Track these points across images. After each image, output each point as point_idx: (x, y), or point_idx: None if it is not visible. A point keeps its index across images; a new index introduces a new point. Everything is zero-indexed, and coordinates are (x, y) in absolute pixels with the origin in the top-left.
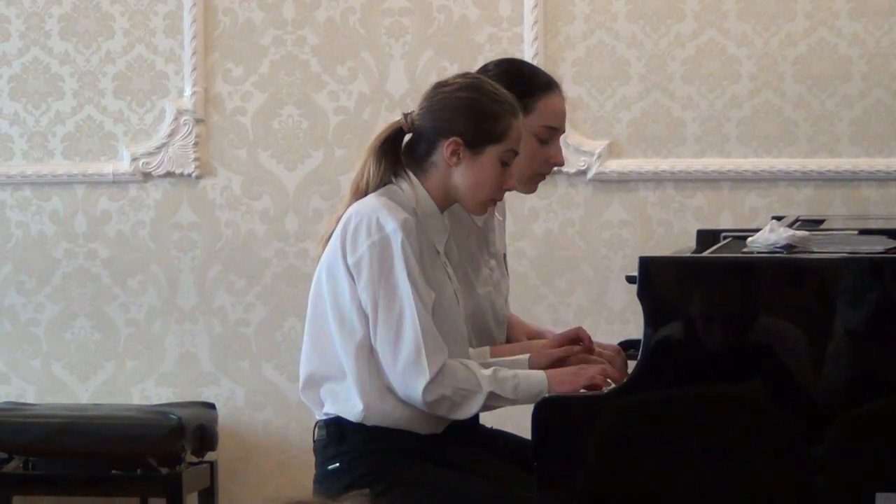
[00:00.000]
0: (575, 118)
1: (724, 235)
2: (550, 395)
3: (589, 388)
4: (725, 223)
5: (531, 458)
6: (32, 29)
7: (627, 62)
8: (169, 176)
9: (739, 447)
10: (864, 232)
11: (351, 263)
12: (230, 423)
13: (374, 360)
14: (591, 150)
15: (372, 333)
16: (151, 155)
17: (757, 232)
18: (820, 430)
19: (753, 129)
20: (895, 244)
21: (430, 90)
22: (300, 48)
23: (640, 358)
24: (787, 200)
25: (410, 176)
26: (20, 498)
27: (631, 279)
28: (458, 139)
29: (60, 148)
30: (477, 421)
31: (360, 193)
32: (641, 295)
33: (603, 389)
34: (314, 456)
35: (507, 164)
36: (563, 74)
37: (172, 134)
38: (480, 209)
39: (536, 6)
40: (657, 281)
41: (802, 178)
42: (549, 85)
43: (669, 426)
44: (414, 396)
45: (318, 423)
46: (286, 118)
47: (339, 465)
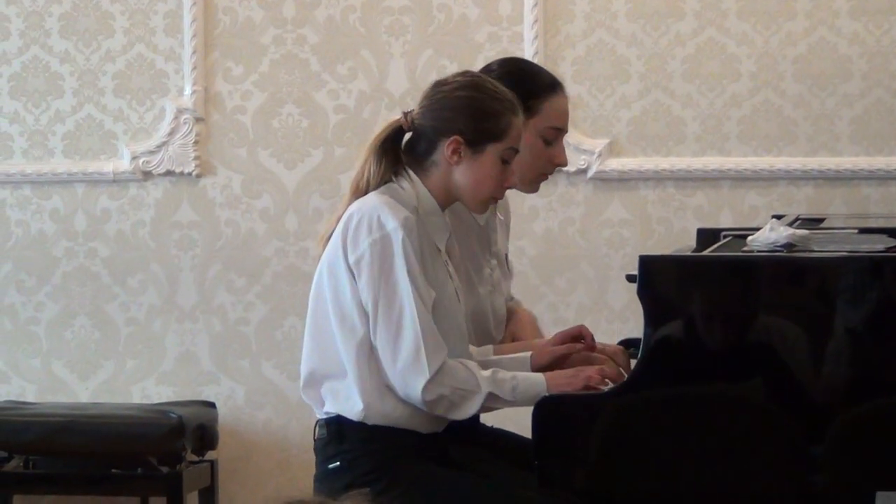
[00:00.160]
0: (575, 117)
1: (724, 234)
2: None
3: (587, 388)
4: (725, 222)
5: (532, 457)
6: (32, 28)
7: (627, 61)
8: (169, 175)
9: (739, 446)
10: (864, 231)
11: (352, 262)
12: (230, 422)
13: (374, 358)
14: (591, 148)
15: (372, 332)
16: (151, 154)
17: (757, 231)
18: (820, 428)
19: (753, 127)
20: (895, 243)
21: (429, 89)
22: (300, 47)
23: (640, 357)
24: (787, 199)
25: (411, 174)
26: (20, 497)
27: (631, 278)
28: (458, 138)
29: (60, 147)
30: (477, 420)
31: (360, 192)
32: (641, 294)
33: (602, 389)
34: (314, 455)
35: (507, 161)
36: (563, 73)
37: (172, 133)
38: (482, 207)
39: (536, 5)
40: (657, 280)
41: (802, 176)
42: (553, 86)
43: (669, 425)
44: (413, 395)
45: (318, 421)
46: (286, 117)
47: (339, 463)
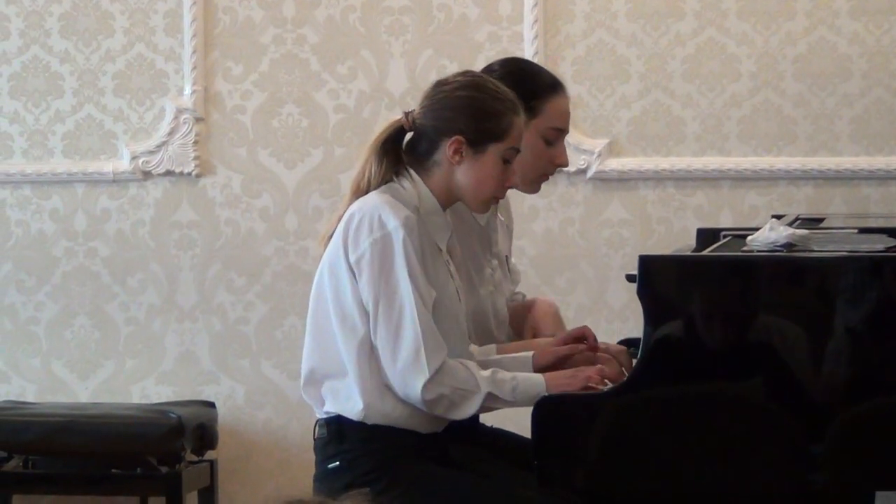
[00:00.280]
0: (575, 117)
1: (724, 234)
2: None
3: (587, 389)
4: (725, 222)
5: (531, 456)
6: (32, 27)
7: (627, 61)
8: (169, 174)
9: (739, 445)
10: (863, 230)
11: (352, 261)
12: (230, 421)
13: (375, 358)
14: (591, 148)
15: (372, 331)
16: (151, 153)
17: (757, 231)
18: (819, 428)
19: (753, 127)
20: (895, 243)
21: (430, 89)
22: (300, 47)
23: (639, 356)
24: (787, 199)
25: (412, 174)
26: (20, 497)
27: (631, 278)
28: (460, 138)
29: (60, 146)
30: (477, 420)
31: (360, 192)
32: (641, 293)
33: (602, 389)
34: (314, 454)
35: (508, 161)
36: (563, 73)
37: (172, 132)
38: (483, 207)
39: (536, 5)
40: (657, 279)
41: (802, 176)
42: (555, 86)
43: (669, 424)
44: (412, 395)
45: (318, 421)
46: (286, 117)
47: (339, 463)
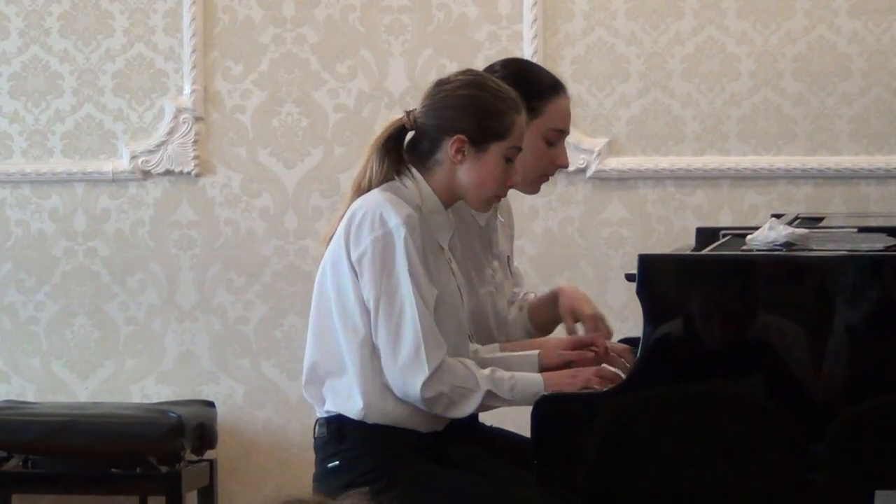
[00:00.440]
0: (574, 116)
1: (723, 233)
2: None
3: (585, 390)
4: (725, 221)
5: (531, 455)
6: (32, 27)
7: (627, 60)
8: (168, 174)
9: (739, 444)
10: (863, 230)
11: (354, 259)
12: (230, 421)
13: (376, 357)
14: (590, 147)
15: (373, 329)
16: (151, 153)
17: (756, 230)
18: (819, 427)
19: (753, 126)
20: (894, 242)
21: (432, 88)
22: (300, 46)
23: (639, 356)
24: (786, 198)
25: (414, 173)
26: (20, 496)
27: (630, 277)
28: (462, 137)
29: (60, 146)
30: (476, 419)
31: (362, 191)
32: (641, 293)
33: (601, 390)
34: (314, 453)
35: (510, 160)
36: (562, 72)
37: (172, 132)
38: (485, 206)
39: (535, 4)
40: (657, 279)
41: (802, 175)
42: (556, 87)
43: (669, 424)
44: (412, 393)
45: (318, 420)
46: (286, 116)
47: (339, 462)
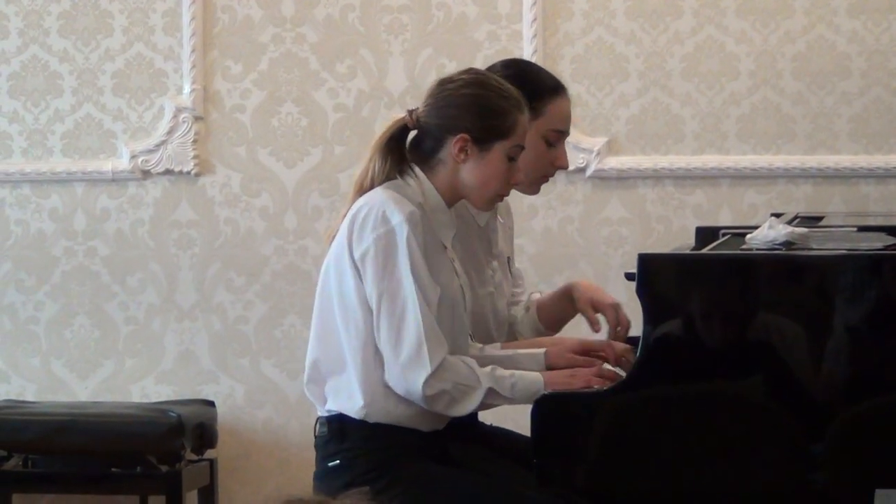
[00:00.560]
0: (574, 115)
1: (723, 232)
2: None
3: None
4: (724, 220)
5: (531, 455)
6: (31, 26)
7: (626, 59)
8: (168, 174)
9: (738, 444)
10: (862, 229)
11: (357, 257)
12: (230, 420)
13: (378, 355)
14: (589, 147)
15: (375, 326)
16: (150, 153)
17: (756, 229)
18: (819, 426)
19: (752, 125)
20: (894, 241)
21: (434, 87)
22: (299, 45)
23: (639, 355)
24: (786, 197)
25: (417, 172)
26: (20, 496)
27: (630, 276)
28: (465, 136)
29: (59, 146)
30: (476, 419)
31: (364, 191)
32: (640, 292)
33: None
34: (315, 452)
35: (514, 159)
36: (561, 71)
37: (171, 131)
38: (488, 205)
39: (535, 3)
40: (656, 278)
41: (801, 174)
42: (556, 88)
43: (669, 423)
44: (414, 390)
45: (319, 418)
46: (285, 115)
47: (339, 462)
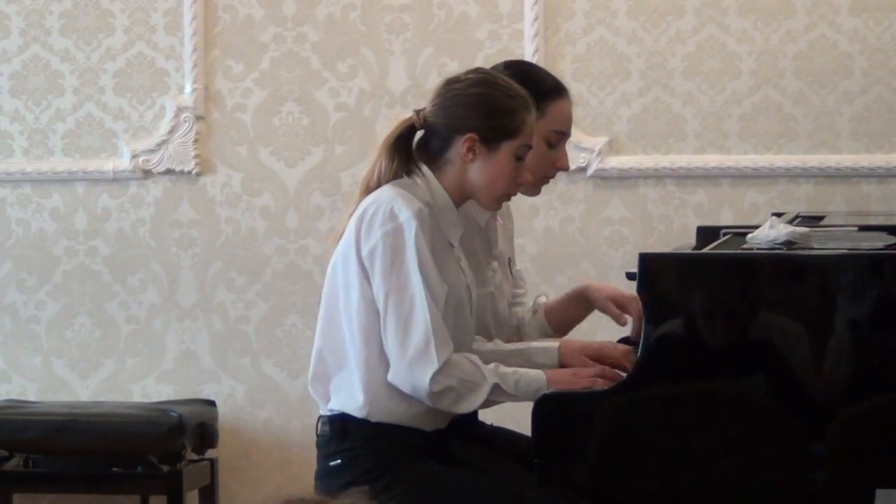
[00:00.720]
0: (575, 115)
1: (724, 232)
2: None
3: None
4: (725, 220)
5: (532, 454)
6: (33, 26)
7: (627, 58)
8: (169, 173)
9: (739, 443)
10: (864, 228)
11: (364, 254)
12: (231, 420)
13: (381, 354)
14: (591, 146)
15: (382, 321)
16: (152, 152)
17: (757, 228)
18: (820, 426)
19: (754, 125)
20: (895, 240)
21: (442, 86)
22: (300, 45)
23: (640, 354)
24: (787, 197)
25: (424, 171)
26: (21, 495)
27: (631, 276)
28: (473, 135)
29: (61, 145)
30: (476, 418)
31: (370, 191)
32: (641, 291)
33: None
34: (316, 451)
35: (521, 158)
36: (563, 71)
37: (173, 131)
38: (495, 204)
39: (536, 2)
40: (657, 277)
41: (802, 174)
42: (558, 89)
43: (670, 423)
44: (420, 386)
45: (321, 417)
46: (286, 115)
47: (340, 461)
